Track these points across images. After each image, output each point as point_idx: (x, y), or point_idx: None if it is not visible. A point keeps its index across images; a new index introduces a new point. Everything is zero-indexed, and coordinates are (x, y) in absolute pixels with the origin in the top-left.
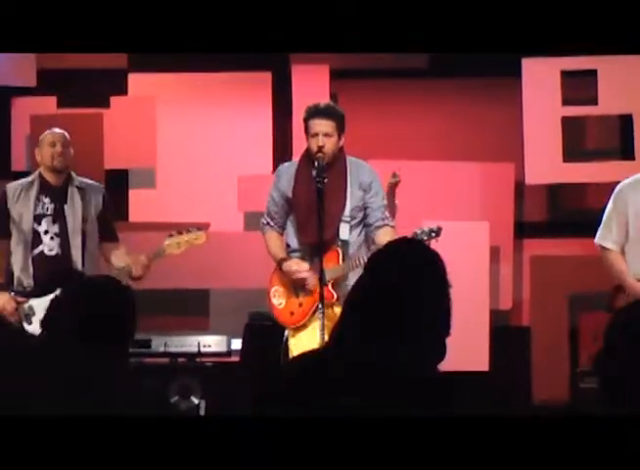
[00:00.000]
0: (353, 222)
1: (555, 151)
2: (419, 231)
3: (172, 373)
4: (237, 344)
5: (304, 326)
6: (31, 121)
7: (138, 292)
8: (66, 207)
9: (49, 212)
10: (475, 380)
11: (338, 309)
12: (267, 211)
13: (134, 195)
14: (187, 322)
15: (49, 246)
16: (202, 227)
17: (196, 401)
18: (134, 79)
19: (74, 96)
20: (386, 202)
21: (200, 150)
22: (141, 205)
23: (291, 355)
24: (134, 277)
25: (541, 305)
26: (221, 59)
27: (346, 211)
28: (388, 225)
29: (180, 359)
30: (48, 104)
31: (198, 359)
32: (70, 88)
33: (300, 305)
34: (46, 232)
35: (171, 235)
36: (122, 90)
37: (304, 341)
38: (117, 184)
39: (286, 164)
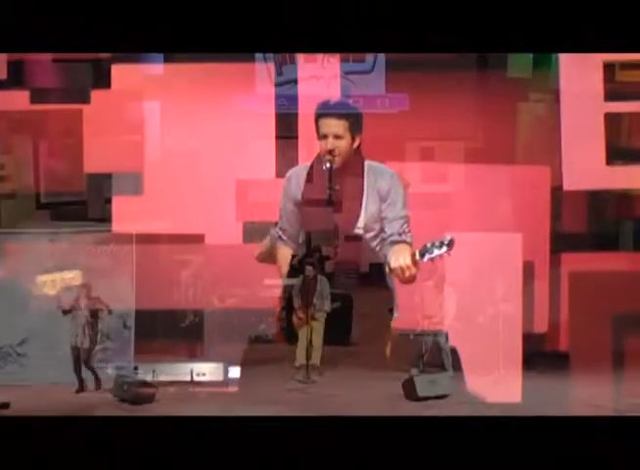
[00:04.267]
0: (369, 236)
1: (597, 152)
2: (429, 244)
3: None
4: (235, 372)
5: None
6: (0, 119)
7: (119, 313)
8: None
9: None
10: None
11: None
12: (279, 221)
13: (118, 202)
14: (178, 347)
15: None
16: (76, 263)
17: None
18: (118, 71)
19: (50, 90)
20: (406, 212)
21: (193, 151)
22: (126, 213)
23: None
24: None
25: (582, 328)
26: None
27: (360, 223)
28: (405, 241)
29: (170, 389)
30: (19, 99)
31: (190, 389)
32: (45, 81)
33: None
34: None
35: (45, 272)
36: (105, 83)
37: None
38: (99, 190)
39: (298, 166)
